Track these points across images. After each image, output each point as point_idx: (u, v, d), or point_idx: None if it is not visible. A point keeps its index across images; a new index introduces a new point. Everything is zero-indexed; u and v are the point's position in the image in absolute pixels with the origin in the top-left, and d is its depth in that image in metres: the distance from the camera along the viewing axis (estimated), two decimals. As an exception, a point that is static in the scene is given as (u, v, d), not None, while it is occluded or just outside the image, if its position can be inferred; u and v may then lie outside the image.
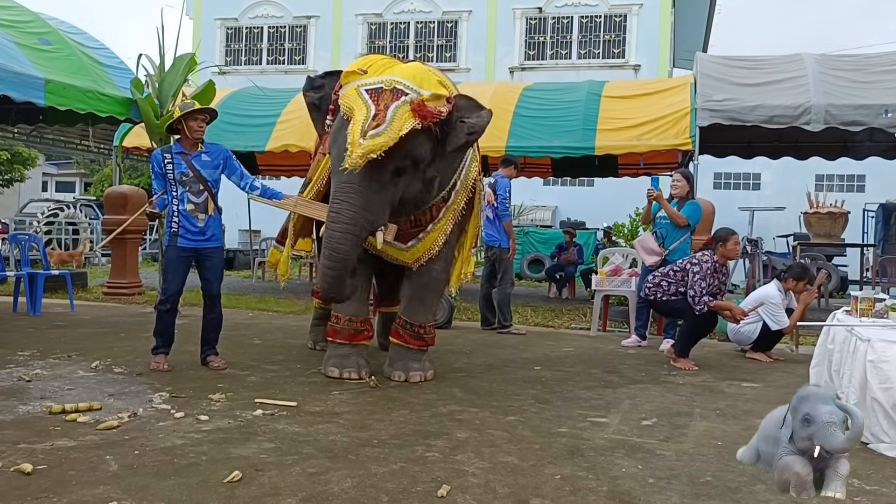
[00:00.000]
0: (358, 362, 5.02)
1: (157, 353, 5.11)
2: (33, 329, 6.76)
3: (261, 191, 5.21)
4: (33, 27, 7.83)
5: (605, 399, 4.66)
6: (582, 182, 18.59)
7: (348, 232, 4.37)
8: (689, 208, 6.76)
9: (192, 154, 5.06)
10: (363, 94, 4.42)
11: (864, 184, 19.66)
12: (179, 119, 5.01)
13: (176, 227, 5.04)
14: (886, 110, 7.79)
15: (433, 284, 5.18)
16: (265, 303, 9.46)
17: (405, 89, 4.42)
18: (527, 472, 3.18)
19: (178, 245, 5.05)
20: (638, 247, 7.01)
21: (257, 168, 12.96)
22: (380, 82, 4.46)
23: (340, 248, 4.37)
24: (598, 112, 9.25)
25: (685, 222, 6.69)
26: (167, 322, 5.14)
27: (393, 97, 4.38)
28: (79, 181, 36.27)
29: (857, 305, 4.82)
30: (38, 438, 3.42)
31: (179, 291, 5.15)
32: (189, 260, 5.11)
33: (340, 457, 3.30)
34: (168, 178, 5.02)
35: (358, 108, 4.37)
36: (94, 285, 10.60)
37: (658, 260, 6.68)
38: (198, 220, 5.04)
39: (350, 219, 4.37)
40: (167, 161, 5.02)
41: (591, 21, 19.39)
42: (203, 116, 5.10)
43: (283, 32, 21.21)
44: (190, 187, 5.01)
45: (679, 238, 6.71)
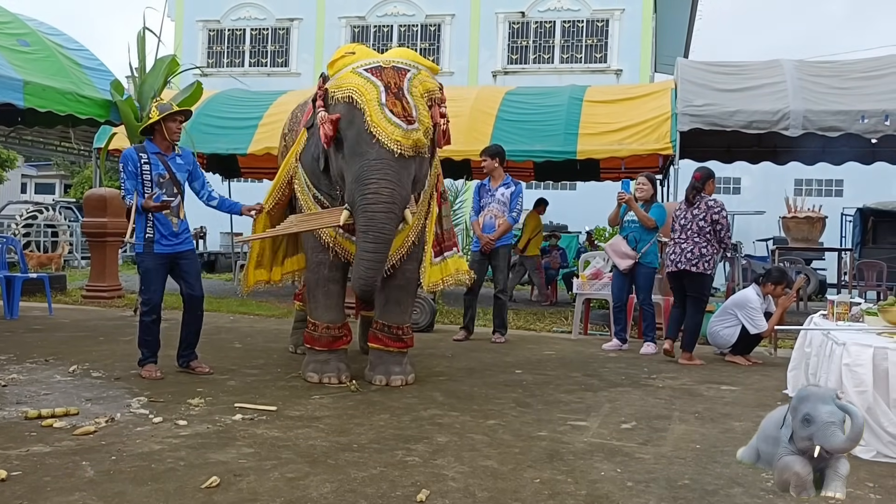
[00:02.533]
0: (338, 367, 5.00)
1: (147, 363, 4.98)
2: (10, 333, 6.68)
3: (218, 202, 5.17)
4: (12, 28, 7.78)
5: (586, 402, 4.68)
6: (564, 186, 18.63)
7: (391, 211, 4.34)
8: (655, 211, 6.85)
9: (168, 156, 4.99)
10: (364, 74, 4.41)
11: (841, 188, 19.89)
12: (158, 120, 4.92)
13: (150, 231, 4.89)
14: (863, 116, 7.89)
15: (407, 285, 5.15)
16: (246, 306, 9.41)
17: (404, 66, 4.48)
18: (506, 476, 3.19)
19: (154, 252, 4.91)
20: (610, 251, 7.02)
21: (239, 170, 12.92)
22: (376, 61, 4.47)
23: (385, 227, 4.33)
24: (580, 116, 9.31)
25: (654, 224, 6.79)
26: (154, 332, 4.99)
27: (397, 74, 4.41)
28: (58, 183, 35.87)
29: (834, 309, 4.88)
30: (13, 444, 3.38)
31: (161, 299, 5.03)
32: (166, 266, 4.99)
33: (320, 462, 3.29)
34: (143, 178, 4.87)
35: (366, 88, 4.34)
36: (73, 288, 10.50)
37: (631, 263, 6.77)
38: (171, 223, 4.95)
39: (390, 196, 4.31)
40: (143, 161, 4.88)
41: (574, 26, 19.48)
42: (181, 117, 5.04)
43: (266, 35, 21.12)
44: (166, 189, 4.92)
45: (650, 240, 6.80)
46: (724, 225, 6.35)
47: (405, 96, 4.38)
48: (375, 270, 4.41)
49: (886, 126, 7.92)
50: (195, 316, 5.15)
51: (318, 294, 5.08)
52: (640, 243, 6.80)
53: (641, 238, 6.81)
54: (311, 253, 5.08)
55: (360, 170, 4.36)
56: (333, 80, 4.56)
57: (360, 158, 4.36)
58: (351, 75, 4.45)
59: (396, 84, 4.38)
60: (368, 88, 4.35)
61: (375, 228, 4.32)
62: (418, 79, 4.52)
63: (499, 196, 7.17)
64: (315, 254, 5.03)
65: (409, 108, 4.34)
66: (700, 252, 6.31)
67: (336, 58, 4.63)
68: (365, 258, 4.37)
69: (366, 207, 4.33)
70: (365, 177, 4.33)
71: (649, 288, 6.92)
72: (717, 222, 6.31)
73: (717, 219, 6.31)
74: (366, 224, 4.34)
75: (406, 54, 4.69)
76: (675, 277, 6.53)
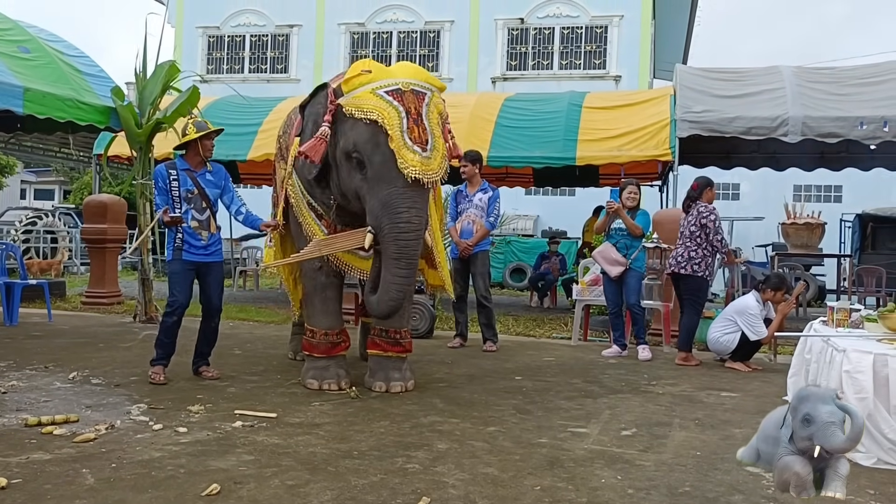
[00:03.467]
0: (337, 373, 5.01)
1: (157, 364, 5.07)
2: (10, 339, 6.68)
3: (244, 217, 5.26)
4: (12, 35, 7.78)
5: (586, 409, 4.68)
6: (563, 192, 18.64)
7: (419, 238, 4.57)
8: (642, 218, 6.99)
9: (198, 172, 5.12)
10: (385, 97, 4.43)
11: (840, 194, 19.89)
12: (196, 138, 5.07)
13: (180, 242, 5.06)
14: (861, 122, 7.90)
15: None
16: (246, 312, 9.41)
17: (421, 89, 4.54)
18: (507, 483, 3.19)
19: (182, 259, 5.07)
20: (599, 258, 7.04)
21: (239, 177, 12.91)
22: (396, 83, 4.49)
23: (415, 254, 4.54)
24: (579, 123, 9.31)
25: (641, 232, 6.92)
26: (172, 334, 5.09)
27: (417, 99, 4.47)
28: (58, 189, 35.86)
29: (834, 316, 4.88)
30: (13, 452, 3.38)
31: (187, 303, 5.12)
32: (193, 272, 5.13)
33: (320, 469, 3.28)
34: (172, 194, 5.03)
35: (388, 112, 4.38)
36: (72, 294, 10.50)
37: (621, 269, 6.85)
38: (201, 237, 5.10)
39: (419, 225, 4.51)
40: (172, 178, 5.04)
41: (573, 32, 19.51)
42: (216, 135, 5.22)
43: (266, 41, 21.15)
44: (194, 204, 5.07)
45: (637, 246, 6.93)
46: (711, 228, 6.59)
47: (423, 122, 4.43)
48: (405, 293, 4.62)
49: (885, 132, 7.92)
50: (210, 325, 5.27)
51: (316, 301, 5.13)
52: (630, 250, 6.90)
53: (631, 244, 6.91)
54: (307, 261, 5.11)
55: (388, 197, 4.44)
56: (349, 98, 4.54)
57: (388, 186, 4.43)
58: (371, 96, 4.45)
59: (416, 109, 4.43)
60: (391, 113, 4.38)
61: (407, 256, 4.48)
62: (434, 102, 4.59)
63: (476, 201, 7.11)
64: (311, 261, 5.06)
65: (425, 136, 4.41)
66: (689, 255, 6.63)
67: (351, 75, 4.60)
68: (396, 283, 4.50)
69: (398, 236, 4.45)
70: (396, 205, 4.43)
71: (638, 290, 7.01)
72: (704, 226, 6.61)
73: (705, 222, 6.61)
74: (398, 252, 4.46)
75: (419, 74, 4.71)
76: (673, 281, 6.87)
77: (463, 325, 7.33)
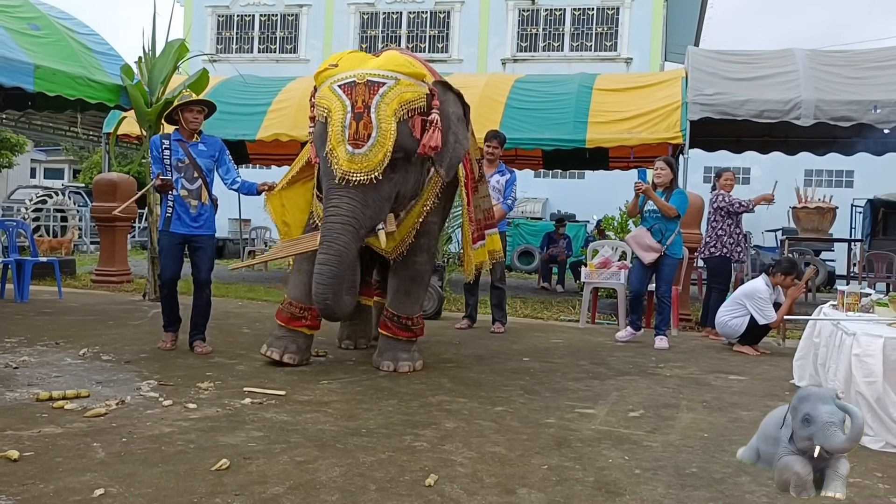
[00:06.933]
0: (286, 346, 4.99)
1: (167, 331, 5.44)
2: (20, 316, 6.73)
3: (240, 185, 5.40)
4: (22, 12, 7.77)
5: (593, 390, 4.69)
6: (573, 174, 18.60)
7: (348, 224, 4.31)
8: (676, 198, 6.54)
9: (190, 143, 5.31)
10: (336, 91, 4.35)
11: (852, 179, 19.77)
12: (176, 109, 5.29)
13: (170, 210, 5.26)
14: (875, 106, 7.83)
15: (418, 276, 5.16)
16: (255, 292, 9.44)
17: (380, 80, 4.34)
18: (514, 462, 3.20)
19: (170, 231, 5.28)
20: (633, 243, 6.70)
21: (248, 157, 12.91)
22: (352, 76, 4.37)
23: (339, 237, 4.28)
24: (590, 105, 9.25)
25: (675, 213, 6.49)
26: (168, 305, 5.43)
27: (369, 91, 4.29)
28: (68, 168, 36.02)
29: (844, 300, 4.87)
30: (24, 425, 3.41)
31: (175, 276, 5.37)
32: (182, 246, 5.34)
33: (328, 446, 3.30)
34: (164, 163, 5.24)
35: (334, 107, 4.32)
36: (82, 273, 10.56)
37: (656, 256, 6.51)
38: (190, 206, 5.26)
39: (349, 211, 4.32)
40: (165, 147, 5.26)
41: (584, 13, 19.37)
42: (199, 108, 5.37)
43: (275, 21, 21.08)
44: (185, 173, 5.26)
45: (674, 230, 6.52)
46: (724, 208, 7.29)
47: (368, 116, 4.25)
48: (326, 286, 4.26)
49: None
50: (200, 298, 5.42)
51: (294, 271, 5.29)
52: (665, 234, 6.51)
53: (666, 228, 6.51)
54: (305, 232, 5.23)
55: (327, 192, 4.45)
56: (317, 94, 4.56)
57: (328, 181, 4.43)
58: (327, 91, 4.41)
59: (364, 102, 4.26)
60: (337, 107, 4.31)
61: (328, 238, 4.31)
62: (395, 91, 4.34)
63: (493, 183, 6.94)
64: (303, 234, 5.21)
65: (366, 131, 4.23)
66: (706, 240, 7.41)
67: (320, 69, 4.59)
68: (317, 271, 4.31)
69: (324, 231, 4.39)
70: (328, 195, 4.43)
71: (671, 280, 6.67)
72: (719, 209, 7.32)
73: (717, 206, 7.35)
74: (323, 235, 4.38)
75: (391, 62, 4.49)
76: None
77: (472, 307, 7.33)
